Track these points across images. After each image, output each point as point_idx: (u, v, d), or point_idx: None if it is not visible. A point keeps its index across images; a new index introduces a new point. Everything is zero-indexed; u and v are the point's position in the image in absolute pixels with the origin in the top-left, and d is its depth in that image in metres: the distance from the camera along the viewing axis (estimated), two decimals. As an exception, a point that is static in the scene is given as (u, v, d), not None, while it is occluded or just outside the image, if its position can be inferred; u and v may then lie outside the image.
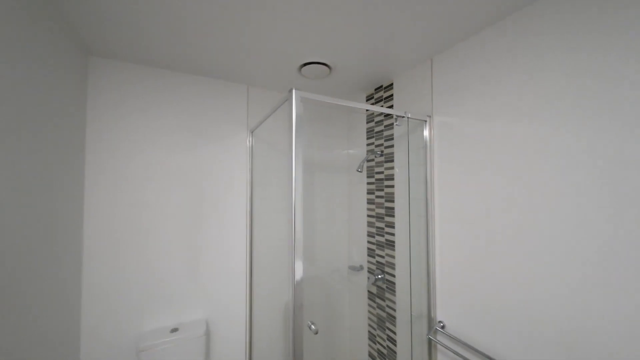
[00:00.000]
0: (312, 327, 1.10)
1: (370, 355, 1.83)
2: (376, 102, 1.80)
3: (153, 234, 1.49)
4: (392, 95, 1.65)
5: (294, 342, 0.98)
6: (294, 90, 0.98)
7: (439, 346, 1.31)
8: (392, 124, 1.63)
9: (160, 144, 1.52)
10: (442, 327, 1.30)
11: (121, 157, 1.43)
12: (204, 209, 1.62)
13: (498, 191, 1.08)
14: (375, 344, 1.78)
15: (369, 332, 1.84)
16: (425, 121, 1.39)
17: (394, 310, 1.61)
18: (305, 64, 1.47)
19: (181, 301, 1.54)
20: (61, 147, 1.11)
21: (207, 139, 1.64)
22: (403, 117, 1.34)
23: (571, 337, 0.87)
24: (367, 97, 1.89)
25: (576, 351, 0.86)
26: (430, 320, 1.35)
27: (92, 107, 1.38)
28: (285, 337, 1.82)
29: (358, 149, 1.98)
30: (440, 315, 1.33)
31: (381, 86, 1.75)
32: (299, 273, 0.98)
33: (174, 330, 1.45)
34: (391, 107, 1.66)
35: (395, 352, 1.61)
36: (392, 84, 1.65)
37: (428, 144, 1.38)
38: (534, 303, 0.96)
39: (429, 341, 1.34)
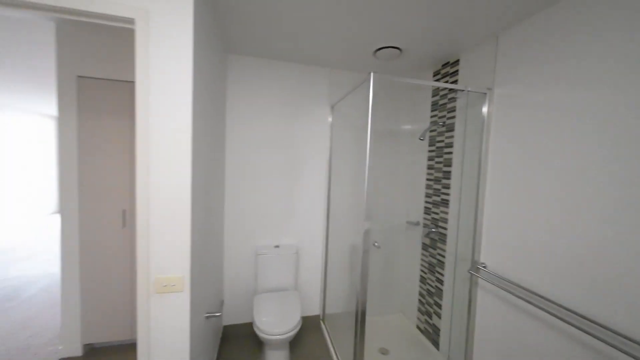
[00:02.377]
0: (376, 244, 1.54)
1: (420, 294, 2.21)
2: (442, 77, 2.00)
3: (263, 182, 2.12)
4: (457, 70, 1.84)
5: (363, 258, 1.42)
6: (372, 74, 1.35)
7: (480, 281, 1.61)
8: (454, 97, 1.83)
9: (267, 117, 2.10)
10: (485, 267, 1.58)
11: (244, 129, 2.06)
12: (295, 164, 2.18)
13: (548, 153, 1.27)
14: (425, 285, 2.14)
15: (421, 276, 2.21)
16: (485, 94, 1.58)
17: (444, 257, 1.93)
18: (379, 49, 1.79)
19: (280, 230, 2.19)
20: (218, 125, 1.75)
21: (298, 113, 2.16)
22: (463, 90, 1.57)
23: (596, 273, 1.10)
24: (434, 73, 2.09)
25: (598, 283, 1.09)
26: (474, 263, 1.64)
27: (230, 93, 2.01)
28: (350, 264, 2.33)
29: (421, 120, 2.23)
30: (483, 258, 1.61)
31: (448, 62, 1.93)
32: (366, 224, 1.38)
33: (277, 247, 2.11)
34: (456, 81, 1.85)
35: (441, 290, 1.95)
36: (458, 60, 1.83)
37: (487, 114, 1.58)
38: (567, 247, 1.19)
39: (471, 276, 1.65)
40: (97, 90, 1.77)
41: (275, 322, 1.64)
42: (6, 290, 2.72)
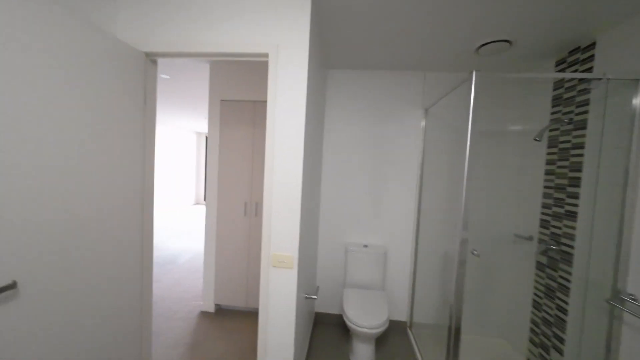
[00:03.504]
0: (475, 252, 1.44)
1: (532, 321, 1.88)
2: (569, 67, 1.68)
3: (355, 183, 2.27)
4: (592, 56, 1.52)
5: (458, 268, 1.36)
6: (474, 73, 1.29)
7: (625, 316, 1.27)
8: (587, 89, 1.52)
9: (360, 122, 2.25)
10: (634, 299, 1.24)
11: (339, 133, 2.27)
12: (385, 167, 2.24)
13: None
14: (540, 312, 1.81)
15: (534, 300, 1.87)
16: (638, 80, 1.26)
17: (568, 281, 1.60)
18: (482, 45, 1.67)
19: (369, 229, 2.28)
20: (318, 131, 2.00)
21: (390, 117, 2.22)
22: (601, 79, 1.30)
23: None
24: (557, 62, 1.78)
25: None
26: (617, 292, 1.31)
27: (328, 102, 2.27)
28: (442, 272, 2.20)
29: (536, 118, 1.92)
30: (631, 288, 1.27)
31: (578, 47, 1.62)
32: (463, 234, 1.30)
33: (365, 246, 2.21)
34: (589, 69, 1.53)
35: (564, 321, 1.62)
36: (593, 44, 1.51)
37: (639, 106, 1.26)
38: None
39: (611, 309, 1.32)
40: (232, 109, 2.31)
41: (365, 316, 1.74)
42: (168, 256, 3.80)
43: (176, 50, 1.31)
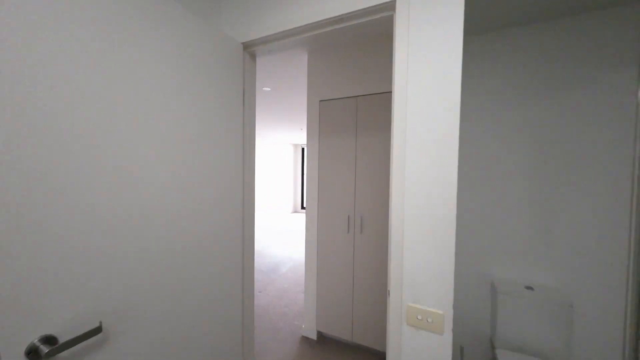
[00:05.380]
0: None
1: None
2: None
3: (501, 188, 1.57)
4: None
5: None
6: None
7: None
8: None
9: (505, 104, 1.55)
10: None
11: (475, 118, 1.63)
12: (560, 165, 1.44)
13: None
14: None
15: None
16: None
17: None
18: None
19: (531, 262, 1.51)
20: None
21: (562, 91, 1.43)
22: None
23: None
24: None
25: None
26: None
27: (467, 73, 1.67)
28: None
29: None
30: None
31: None
32: None
33: (529, 288, 1.46)
34: None
35: None
36: None
37: None
38: None
39: None
40: (331, 109, 2.03)
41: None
42: (271, 264, 3.89)
43: (275, 31, 1.08)
